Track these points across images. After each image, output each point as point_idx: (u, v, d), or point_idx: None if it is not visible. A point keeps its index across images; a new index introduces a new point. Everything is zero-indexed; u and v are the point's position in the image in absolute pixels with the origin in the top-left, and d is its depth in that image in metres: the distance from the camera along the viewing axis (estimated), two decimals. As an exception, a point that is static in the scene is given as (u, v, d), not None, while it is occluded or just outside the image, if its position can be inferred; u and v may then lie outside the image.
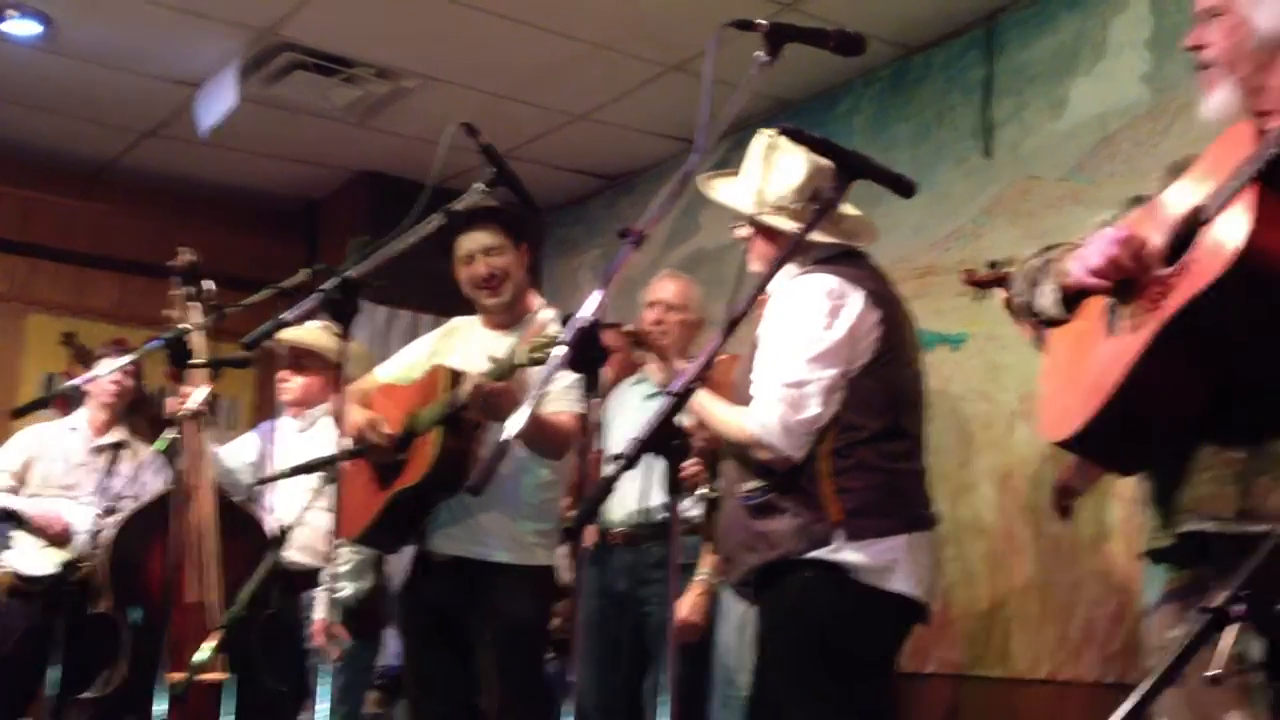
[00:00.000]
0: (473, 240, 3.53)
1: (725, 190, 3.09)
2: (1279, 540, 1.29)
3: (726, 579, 3.09)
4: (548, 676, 3.84)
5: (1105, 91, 4.36)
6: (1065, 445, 2.10)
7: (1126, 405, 1.94)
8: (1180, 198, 2.00)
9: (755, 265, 2.99)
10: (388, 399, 3.60)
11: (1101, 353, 2.04)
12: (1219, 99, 2.04)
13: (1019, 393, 4.34)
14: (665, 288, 4.34)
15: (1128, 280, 2.00)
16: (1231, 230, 1.80)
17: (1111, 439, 2.04)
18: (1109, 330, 2.05)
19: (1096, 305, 2.11)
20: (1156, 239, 1.99)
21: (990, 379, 4.48)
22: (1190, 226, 1.92)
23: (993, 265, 3.35)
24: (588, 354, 2.02)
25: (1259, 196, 1.79)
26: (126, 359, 3.86)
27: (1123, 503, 3.96)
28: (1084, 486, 3.66)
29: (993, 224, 4.60)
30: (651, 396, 4.15)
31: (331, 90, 5.46)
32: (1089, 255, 2.02)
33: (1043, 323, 2.27)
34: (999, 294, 3.27)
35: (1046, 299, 2.22)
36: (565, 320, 2.77)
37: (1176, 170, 2.10)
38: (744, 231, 3.05)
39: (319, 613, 3.95)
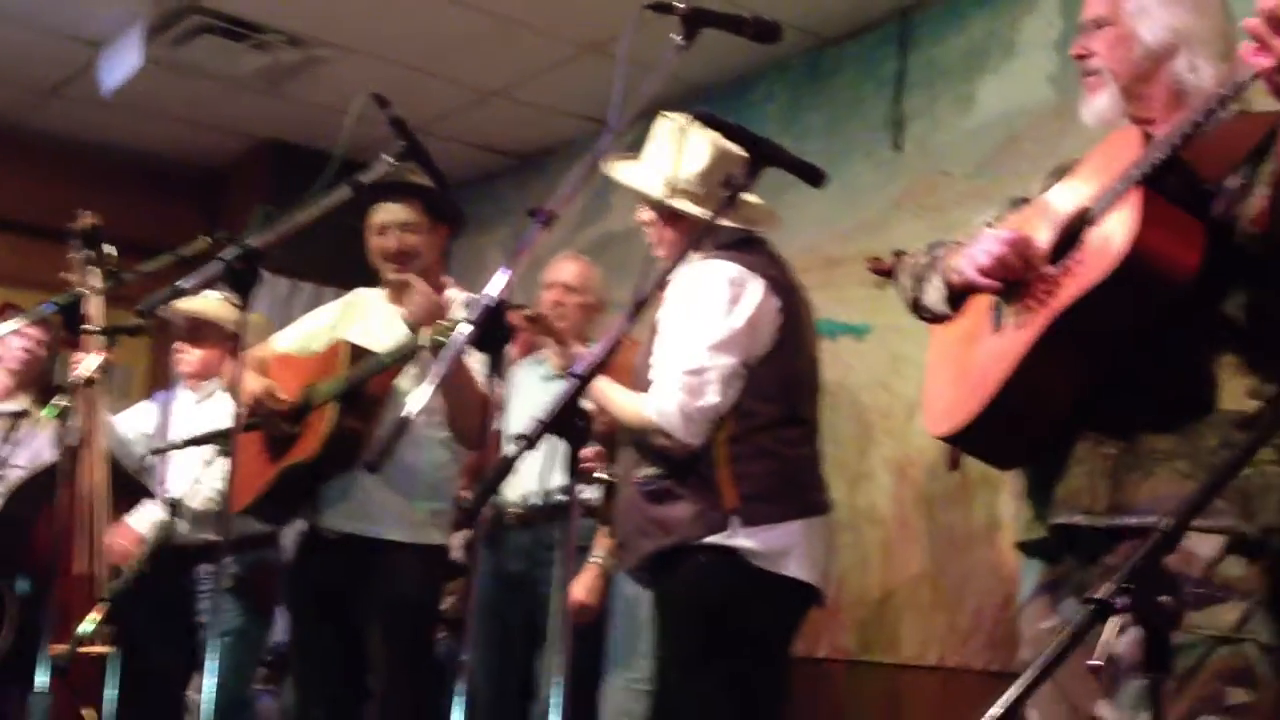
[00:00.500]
0: (388, 212, 3.47)
1: (629, 172, 3.08)
2: (1163, 533, 1.32)
3: (622, 564, 3.10)
4: (439, 656, 3.82)
5: (1013, 90, 4.43)
6: (949, 440, 2.15)
7: (1010, 401, 1.99)
8: (1065, 199, 2.05)
9: (658, 249, 3.00)
10: (285, 369, 3.54)
11: (986, 349, 2.08)
12: (1100, 104, 2.11)
13: (919, 384, 4.36)
14: (564, 269, 4.32)
15: (1014, 279, 2.04)
16: (1118, 231, 1.85)
17: (995, 434, 2.09)
18: (994, 327, 2.09)
19: (982, 302, 2.16)
20: (1042, 239, 2.04)
21: (891, 370, 4.53)
22: (1076, 227, 1.97)
23: (898, 255, 3.39)
24: (493, 333, 2.01)
25: (1144, 199, 1.84)
26: (15, 323, 3.74)
27: (1015, 495, 4.04)
28: None
29: (900, 217, 4.65)
30: (550, 378, 4.14)
31: (240, 56, 5.36)
32: (977, 255, 2.07)
33: (928, 319, 2.32)
34: None
35: (932, 296, 2.26)
36: (469, 305, 2.75)
37: (1059, 172, 2.16)
38: (647, 215, 3.05)
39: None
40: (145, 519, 3.93)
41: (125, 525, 3.91)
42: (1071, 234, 1.99)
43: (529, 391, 4.13)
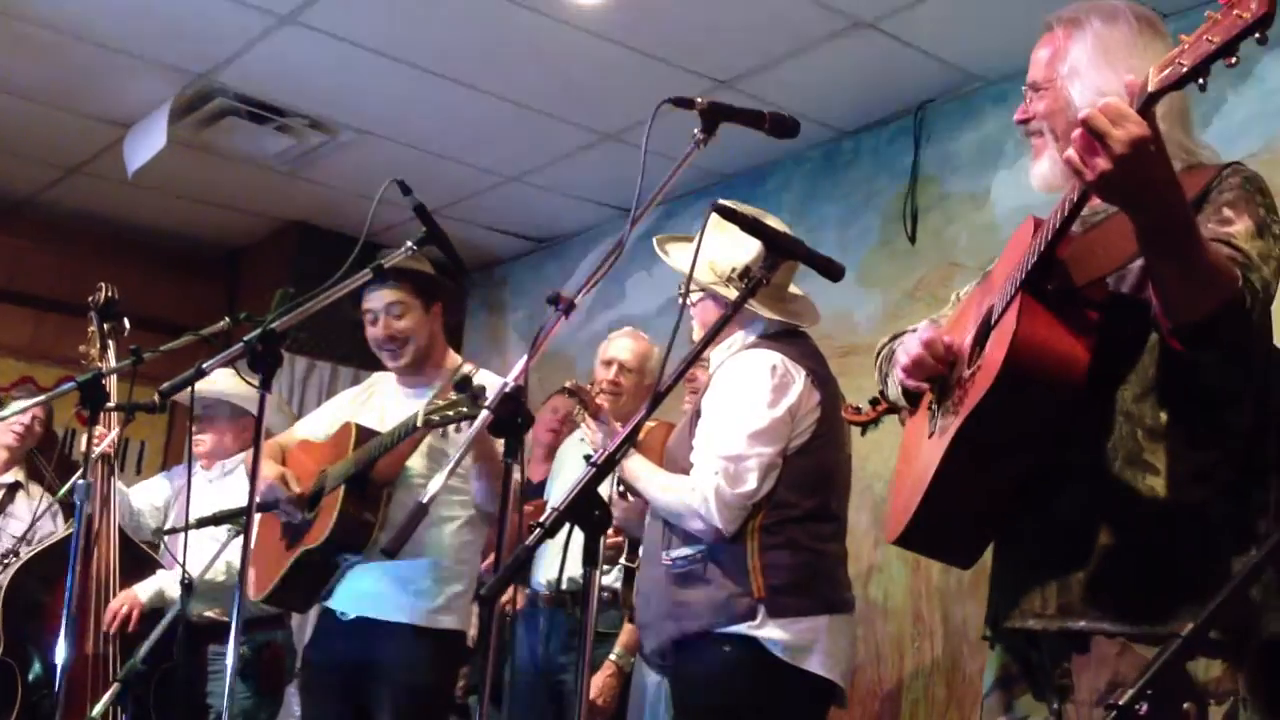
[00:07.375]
0: (376, 298, 3.49)
1: (680, 256, 3.09)
2: (1182, 642, 1.30)
3: (642, 648, 3.06)
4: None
5: (1026, 185, 4.44)
6: (900, 545, 2.10)
7: (939, 507, 1.96)
8: (985, 295, 2.04)
9: (700, 333, 3.01)
10: (305, 455, 3.56)
11: (923, 454, 2.06)
12: (1043, 168, 2.09)
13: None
14: (623, 347, 4.21)
15: (941, 379, 2.02)
16: (1003, 336, 1.83)
17: (935, 538, 2.05)
18: (930, 431, 2.07)
19: (926, 401, 2.12)
20: (969, 337, 2.02)
21: (905, 460, 4.51)
22: (986, 327, 1.96)
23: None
24: (511, 418, 2.01)
25: (1020, 306, 1.82)
26: (36, 400, 3.74)
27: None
28: None
29: (914, 307, 4.66)
30: (589, 456, 4.12)
31: (263, 138, 5.43)
32: (899, 356, 2.05)
33: (898, 412, 2.29)
34: None
35: (893, 390, 2.24)
36: (462, 383, 2.72)
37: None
38: (694, 298, 3.06)
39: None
40: (149, 587, 3.88)
41: (130, 590, 3.87)
42: (983, 333, 1.98)
43: (571, 470, 4.09)
